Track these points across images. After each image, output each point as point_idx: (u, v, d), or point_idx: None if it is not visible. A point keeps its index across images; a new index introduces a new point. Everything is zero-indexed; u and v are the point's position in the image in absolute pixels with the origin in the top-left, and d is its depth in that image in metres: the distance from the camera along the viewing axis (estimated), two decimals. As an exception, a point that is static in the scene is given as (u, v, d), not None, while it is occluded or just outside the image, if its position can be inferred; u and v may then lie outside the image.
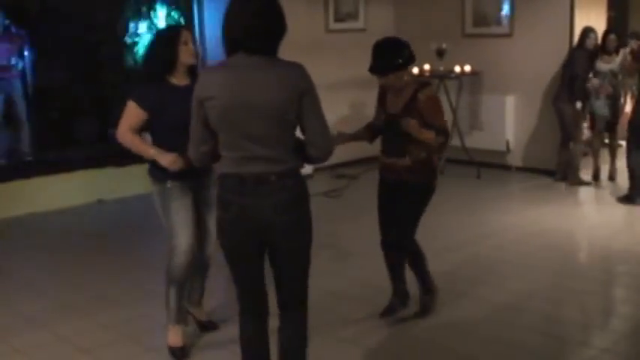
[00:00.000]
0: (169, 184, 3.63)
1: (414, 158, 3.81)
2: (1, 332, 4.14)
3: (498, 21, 7.95)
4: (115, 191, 6.99)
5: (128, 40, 7.96)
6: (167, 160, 3.53)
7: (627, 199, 6.44)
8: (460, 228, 5.98)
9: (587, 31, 7.03)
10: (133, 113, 3.60)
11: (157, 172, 3.64)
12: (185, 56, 3.64)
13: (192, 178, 3.67)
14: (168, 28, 4.06)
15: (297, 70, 2.68)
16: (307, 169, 7.86)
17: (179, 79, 3.66)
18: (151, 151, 3.59)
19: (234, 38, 2.67)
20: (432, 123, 3.74)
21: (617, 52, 7.04)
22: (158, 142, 3.62)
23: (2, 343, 3.99)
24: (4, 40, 7.40)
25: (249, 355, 2.93)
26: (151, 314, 4.23)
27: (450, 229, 5.95)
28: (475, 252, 5.36)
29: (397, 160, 3.85)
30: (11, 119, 7.66)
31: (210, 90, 2.65)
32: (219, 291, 4.53)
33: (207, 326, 4.06)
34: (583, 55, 6.99)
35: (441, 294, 4.31)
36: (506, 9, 7.85)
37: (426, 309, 4.18)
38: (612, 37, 7.11)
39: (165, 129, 3.59)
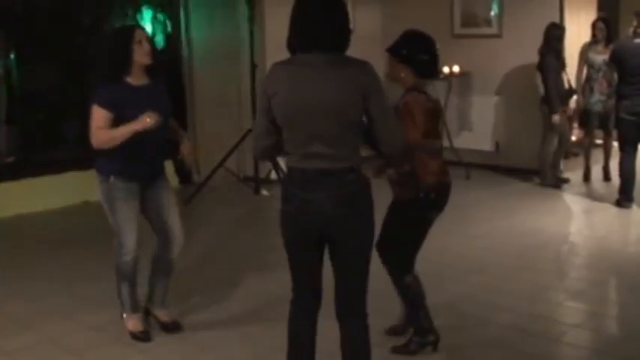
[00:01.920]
0: (112, 179, 3.71)
1: (399, 170, 3.54)
2: (-12, 334, 4.18)
3: (487, 22, 8.05)
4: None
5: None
6: (142, 122, 3.55)
7: (616, 202, 6.51)
8: (448, 229, 6.03)
9: (554, 27, 7.03)
10: (100, 116, 3.63)
11: (104, 166, 3.72)
12: (139, 56, 3.66)
13: (140, 178, 3.75)
14: (122, 27, 4.10)
15: (364, 69, 2.77)
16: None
17: (136, 79, 3.70)
18: (129, 127, 3.57)
19: (306, 37, 2.77)
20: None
21: (609, 41, 7.11)
22: (120, 143, 3.62)
23: (-11, 346, 4.04)
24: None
25: (296, 346, 3.01)
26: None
27: (438, 230, 5.97)
28: (463, 253, 5.44)
29: (386, 172, 3.60)
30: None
31: (276, 86, 2.76)
32: (186, 294, 4.61)
33: (171, 327, 4.09)
34: (552, 55, 7.00)
35: (432, 295, 4.39)
36: (495, 9, 7.95)
37: (405, 349, 3.75)
38: (600, 24, 7.18)
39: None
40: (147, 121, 3.57)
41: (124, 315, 4.01)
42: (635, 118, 6.28)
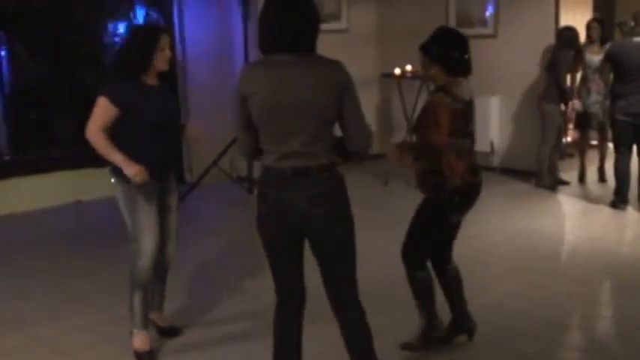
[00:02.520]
0: (132, 183, 3.63)
1: (420, 166, 3.57)
2: (-23, 334, 4.18)
3: (483, 22, 8.05)
4: (93, 192, 7.02)
5: (106, 39, 7.99)
6: (133, 170, 3.55)
7: (611, 203, 6.50)
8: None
9: (566, 30, 7.08)
10: (104, 110, 3.57)
11: (120, 170, 3.63)
12: (160, 63, 3.65)
13: (157, 180, 3.71)
14: (147, 29, 3.93)
15: (337, 67, 2.85)
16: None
17: (150, 80, 3.68)
18: (119, 158, 3.57)
19: (274, 37, 2.80)
20: (422, 134, 3.53)
21: (605, 42, 7.12)
22: (125, 142, 3.60)
23: (-23, 345, 4.03)
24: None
25: (282, 348, 3.05)
26: (128, 316, 4.26)
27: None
28: (456, 253, 5.42)
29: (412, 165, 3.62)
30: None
31: (253, 86, 2.79)
32: (180, 295, 4.60)
33: (169, 332, 4.06)
34: (568, 55, 7.06)
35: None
36: (490, 10, 7.96)
37: (411, 345, 3.82)
38: (594, 25, 7.19)
39: (135, 128, 3.60)
40: (137, 172, 3.54)
41: (134, 330, 3.81)
42: (630, 119, 6.29)
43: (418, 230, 3.66)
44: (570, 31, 7.03)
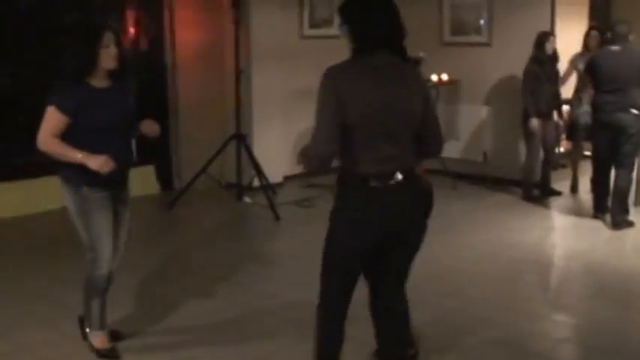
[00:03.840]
0: (85, 190, 3.62)
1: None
2: (-40, 341, 4.16)
3: (477, 30, 8.11)
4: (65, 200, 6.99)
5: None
6: (97, 162, 3.49)
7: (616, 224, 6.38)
8: (433, 240, 6.01)
9: (547, 35, 7.08)
10: (54, 119, 3.53)
11: (73, 176, 3.61)
12: (105, 61, 3.56)
13: (111, 187, 3.68)
14: (88, 26, 3.71)
15: (418, 71, 2.98)
16: (278, 177, 7.94)
17: (99, 81, 3.61)
18: (79, 155, 3.51)
19: (381, 37, 2.86)
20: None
21: None
22: (78, 147, 3.54)
23: (-39, 353, 4.02)
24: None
25: (327, 349, 3.14)
26: (118, 326, 4.26)
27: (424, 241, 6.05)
28: (449, 265, 5.48)
29: None
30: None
31: (353, 88, 2.78)
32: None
33: (112, 336, 4.04)
34: (534, 62, 7.05)
35: (418, 307, 4.41)
36: (485, 18, 8.01)
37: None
38: (594, 33, 7.24)
39: (86, 132, 3.55)
40: (102, 163, 3.50)
41: (89, 331, 3.95)
42: (609, 131, 6.23)
43: None
44: (540, 37, 7.06)
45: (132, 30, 7.98)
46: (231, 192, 7.50)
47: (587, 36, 7.40)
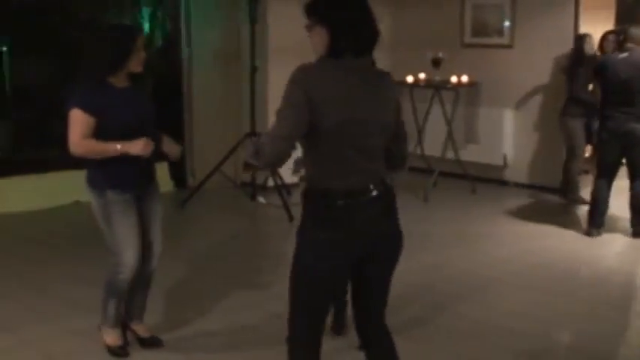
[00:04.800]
0: (110, 194, 3.62)
1: None
2: (-35, 335, 4.18)
3: (499, 32, 8.04)
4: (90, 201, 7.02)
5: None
6: (138, 146, 3.53)
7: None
8: (450, 243, 6.03)
9: (585, 36, 7.01)
10: (81, 122, 3.52)
11: (97, 180, 3.62)
12: (136, 64, 3.60)
13: (136, 187, 3.68)
14: (122, 29, 3.79)
15: (391, 78, 2.80)
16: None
17: (120, 82, 3.63)
18: (117, 146, 3.52)
19: (365, 38, 2.66)
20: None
21: None
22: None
23: (-35, 346, 4.03)
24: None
25: None
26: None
27: (440, 244, 6.01)
28: (464, 269, 5.42)
29: None
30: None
31: (327, 91, 2.58)
32: (173, 304, 4.59)
33: (150, 342, 4.01)
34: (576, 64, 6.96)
35: (425, 310, 4.37)
36: (507, 19, 7.94)
37: None
38: (611, 37, 7.06)
39: (109, 133, 3.54)
40: (143, 146, 3.53)
41: (102, 327, 3.93)
42: (616, 141, 5.99)
43: None
44: (576, 40, 6.97)
45: (147, 27, 8.01)
46: (246, 191, 7.48)
47: (603, 40, 7.24)
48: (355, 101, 2.61)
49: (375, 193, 2.68)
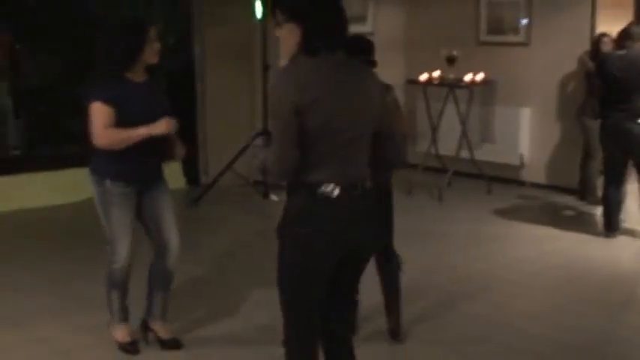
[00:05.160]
0: (108, 184, 3.64)
1: None
2: (-25, 330, 4.20)
3: (515, 29, 7.98)
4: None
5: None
6: (161, 127, 3.57)
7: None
8: (465, 243, 5.99)
9: (602, 36, 6.94)
10: (103, 113, 3.55)
11: (99, 168, 3.65)
12: (150, 56, 3.62)
13: (137, 182, 3.69)
14: (134, 22, 3.72)
15: (372, 71, 2.82)
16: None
17: (136, 76, 3.64)
18: (141, 130, 3.56)
19: (338, 34, 2.65)
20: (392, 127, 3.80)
21: None
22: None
23: (-25, 342, 4.05)
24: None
25: None
26: (133, 319, 4.24)
27: (454, 244, 5.98)
28: (478, 269, 5.38)
29: None
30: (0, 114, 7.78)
31: (312, 93, 2.53)
32: (187, 304, 4.56)
33: (170, 344, 3.97)
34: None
35: (437, 311, 4.35)
36: (523, 17, 7.88)
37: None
38: (605, 39, 6.89)
39: (120, 126, 3.57)
40: (167, 125, 3.58)
41: (111, 324, 3.94)
42: (617, 140, 5.91)
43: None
44: (604, 37, 6.92)
45: (160, 24, 8.01)
46: (258, 189, 7.47)
47: (599, 42, 7.08)
48: (338, 97, 2.58)
49: (360, 188, 2.66)
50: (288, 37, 2.63)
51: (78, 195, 7.00)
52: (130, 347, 3.90)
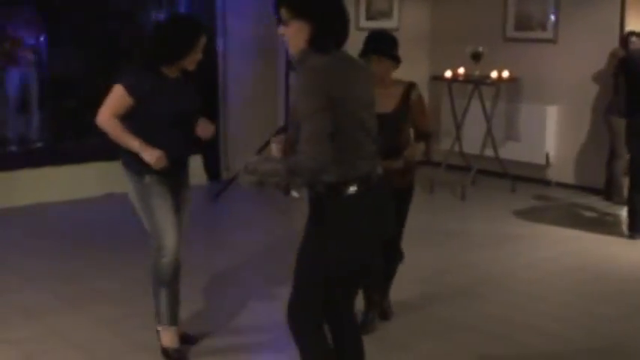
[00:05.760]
0: (147, 178, 3.61)
1: (406, 160, 3.91)
2: (-5, 321, 4.27)
3: (542, 26, 7.90)
4: (126, 185, 7.09)
5: (149, 29, 8.09)
6: (153, 156, 3.51)
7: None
8: (486, 243, 5.95)
9: (630, 35, 6.89)
10: (119, 99, 3.55)
11: (135, 164, 3.60)
12: (191, 62, 3.63)
13: (170, 175, 3.66)
14: (191, 25, 3.68)
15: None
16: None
17: (171, 72, 3.65)
18: (136, 143, 3.53)
19: (344, 34, 2.78)
20: (420, 124, 4.02)
21: None
22: (137, 134, 3.55)
23: (-5, 333, 4.11)
24: (21, 27, 7.63)
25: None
26: (149, 312, 4.27)
27: (476, 243, 5.94)
28: (499, 269, 5.34)
29: (391, 163, 3.76)
30: (25, 107, 7.88)
31: (343, 85, 2.67)
32: (206, 299, 4.58)
33: (184, 339, 3.94)
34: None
35: (457, 310, 4.32)
36: (551, 13, 7.80)
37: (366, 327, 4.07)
38: (634, 39, 6.82)
39: (150, 120, 3.57)
40: (158, 158, 3.52)
41: (159, 327, 3.82)
42: None
43: (405, 219, 4.11)
44: (633, 36, 6.83)
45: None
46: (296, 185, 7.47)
47: (626, 41, 6.97)
48: (358, 87, 2.74)
49: (380, 175, 2.81)
50: (296, 35, 2.68)
51: (102, 188, 7.09)
52: (176, 355, 3.78)
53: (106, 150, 7.22)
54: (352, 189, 2.68)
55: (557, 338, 4.18)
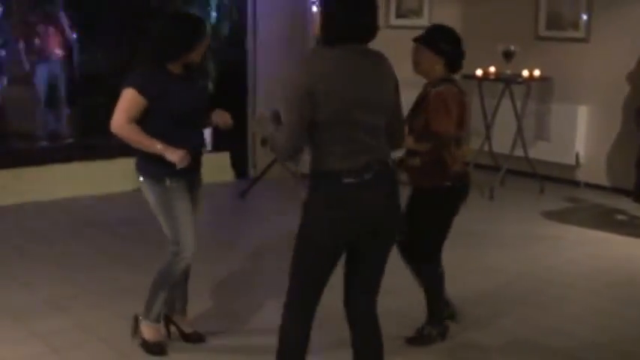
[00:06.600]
0: (168, 182, 3.60)
1: (423, 158, 3.76)
2: (21, 315, 4.35)
3: (574, 24, 7.82)
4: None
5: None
6: (178, 155, 3.49)
7: None
8: (514, 244, 5.91)
9: None
10: (133, 102, 3.51)
11: (153, 168, 3.59)
12: (197, 56, 3.63)
13: (189, 175, 3.68)
14: (195, 20, 3.69)
15: (388, 59, 2.91)
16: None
17: (175, 69, 3.65)
18: (158, 146, 3.50)
19: (356, 26, 2.77)
20: (430, 122, 3.71)
21: None
22: (150, 134, 3.54)
23: (21, 326, 4.20)
24: (51, 23, 7.73)
25: (291, 353, 3.03)
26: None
27: (503, 244, 5.90)
28: (526, 271, 5.31)
29: (407, 159, 3.79)
30: (54, 102, 7.98)
31: (327, 81, 2.72)
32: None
33: (193, 338, 4.00)
34: None
35: (486, 313, 4.32)
36: (583, 12, 7.72)
37: (422, 339, 4.00)
38: None
39: (163, 119, 3.56)
40: (182, 157, 3.51)
41: (143, 321, 3.87)
42: None
43: (430, 225, 3.87)
44: None
45: (214, 15, 8.10)
46: (306, 183, 7.48)
47: None
48: (357, 81, 2.75)
49: (378, 170, 2.81)
50: (317, 22, 2.82)
51: (130, 184, 7.15)
52: (158, 349, 3.85)
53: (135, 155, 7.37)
54: (347, 180, 2.75)
55: (584, 341, 4.15)
